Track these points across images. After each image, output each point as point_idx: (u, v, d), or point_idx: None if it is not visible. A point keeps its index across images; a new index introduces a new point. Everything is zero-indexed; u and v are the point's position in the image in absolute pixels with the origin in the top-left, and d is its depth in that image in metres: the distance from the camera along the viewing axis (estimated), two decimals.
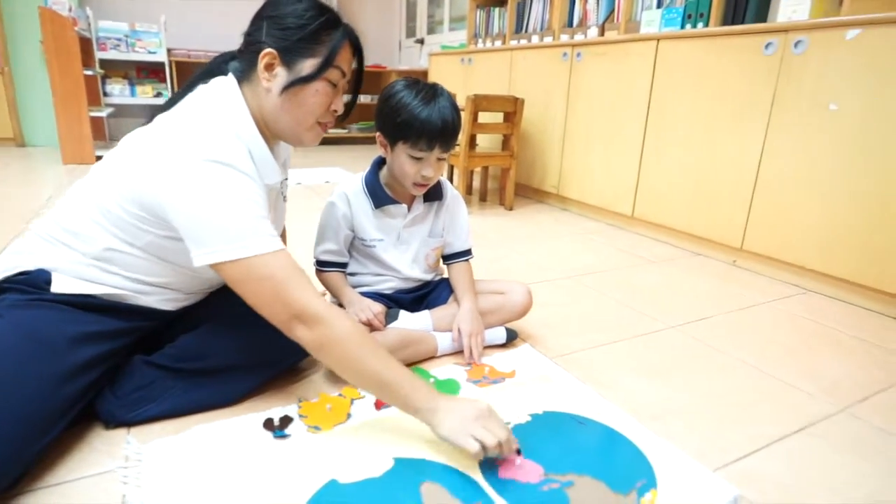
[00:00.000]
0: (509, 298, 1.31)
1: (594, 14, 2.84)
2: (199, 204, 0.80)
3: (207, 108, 0.89)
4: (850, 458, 0.95)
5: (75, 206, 0.91)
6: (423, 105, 1.10)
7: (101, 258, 0.89)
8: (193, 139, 0.83)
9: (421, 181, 1.15)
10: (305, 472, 0.84)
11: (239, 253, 0.81)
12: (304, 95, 0.92)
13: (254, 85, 0.93)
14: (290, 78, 0.90)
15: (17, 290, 0.87)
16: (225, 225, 0.80)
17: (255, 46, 0.91)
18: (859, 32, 1.58)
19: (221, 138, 0.85)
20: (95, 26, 4.22)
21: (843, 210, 1.66)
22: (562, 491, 0.82)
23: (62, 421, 0.82)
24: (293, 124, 0.95)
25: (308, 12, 0.90)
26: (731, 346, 1.36)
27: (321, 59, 0.90)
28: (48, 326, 0.83)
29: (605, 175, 2.57)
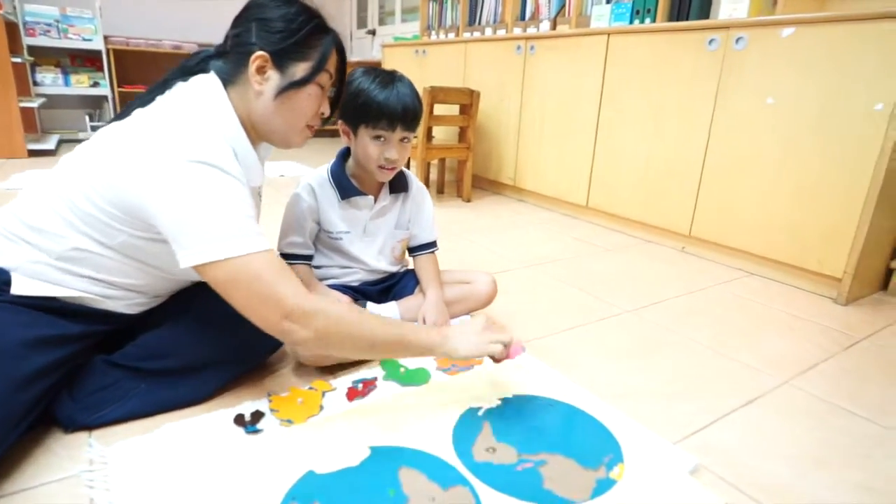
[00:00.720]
0: (474, 288, 1.34)
1: (546, 8, 2.89)
2: (185, 205, 0.78)
3: (192, 108, 0.86)
4: (795, 426, 1.03)
5: (40, 201, 0.86)
6: (382, 87, 1.12)
7: (67, 258, 0.85)
8: (179, 139, 0.80)
9: (385, 164, 1.16)
10: (281, 465, 0.83)
11: (226, 252, 0.78)
12: (297, 99, 0.93)
13: (241, 87, 0.92)
14: (284, 82, 0.90)
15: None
16: (211, 225, 0.78)
17: (245, 48, 0.90)
18: (793, 31, 1.68)
19: (207, 139, 0.83)
20: (21, 10, 3.95)
21: (779, 198, 1.77)
22: (535, 470, 0.85)
23: (16, 430, 0.78)
24: (285, 127, 0.95)
25: (299, 16, 0.91)
26: (684, 328, 1.44)
27: (313, 63, 0.91)
28: (4, 329, 0.79)
29: (560, 166, 2.63)
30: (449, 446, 0.89)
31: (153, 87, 0.94)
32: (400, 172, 1.28)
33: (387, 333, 0.90)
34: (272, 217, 1.27)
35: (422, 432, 0.93)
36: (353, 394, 1.04)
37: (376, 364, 1.16)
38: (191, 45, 4.80)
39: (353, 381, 1.08)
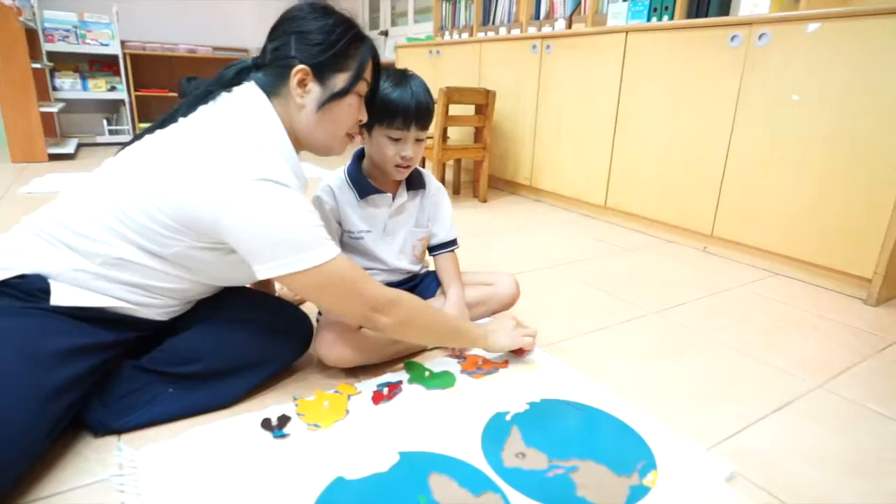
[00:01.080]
0: (497, 289, 1.32)
1: (561, 6, 2.87)
2: (261, 223, 0.81)
3: (246, 123, 0.88)
4: (829, 431, 1.00)
5: (84, 207, 0.85)
6: (395, 87, 1.12)
7: (109, 265, 0.85)
8: (243, 158, 0.82)
9: (401, 163, 1.15)
10: (310, 470, 0.83)
11: (310, 262, 0.84)
12: (339, 110, 0.95)
13: (284, 99, 0.93)
14: (325, 94, 0.92)
15: (11, 296, 0.82)
16: (291, 239, 0.83)
17: (285, 61, 0.91)
18: (819, 26, 1.65)
19: (268, 156, 0.85)
20: (40, 16, 4.00)
21: (805, 196, 1.74)
22: (567, 476, 0.84)
23: (48, 440, 0.78)
24: (327, 137, 0.98)
25: (337, 28, 0.92)
26: (709, 329, 1.41)
27: (352, 73, 0.93)
28: (39, 339, 0.79)
29: (577, 165, 2.61)
30: (478, 451, 0.88)
31: (195, 96, 0.94)
32: (416, 170, 1.27)
33: (448, 323, 1.08)
34: None
35: (450, 437, 0.92)
36: (378, 397, 1.03)
37: (401, 367, 1.15)
38: (205, 49, 4.84)
39: (377, 384, 1.07)
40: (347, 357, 1.09)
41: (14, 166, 3.29)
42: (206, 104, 0.92)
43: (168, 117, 0.93)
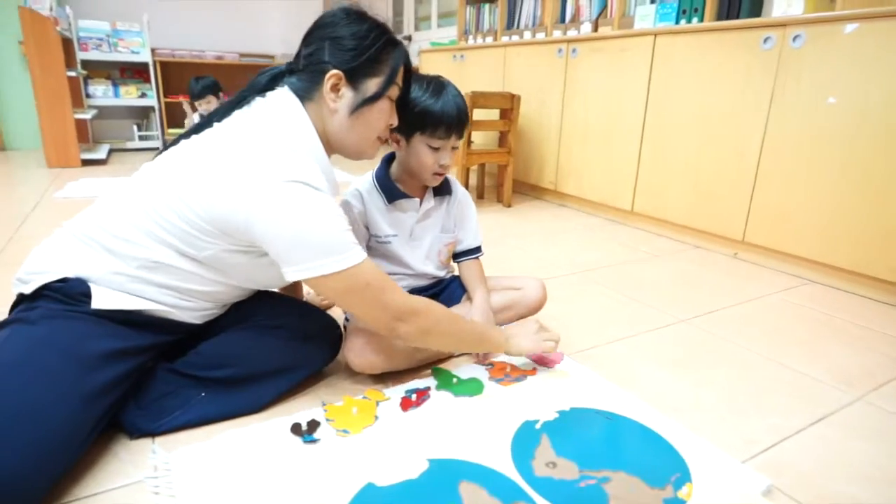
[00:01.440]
0: (524, 294, 1.31)
1: (587, 9, 2.85)
2: (292, 225, 0.82)
3: (279, 127, 0.89)
4: (871, 445, 0.97)
5: (121, 211, 0.88)
6: (435, 96, 1.12)
7: (147, 268, 0.87)
8: (275, 161, 0.83)
9: (439, 170, 1.16)
10: (340, 476, 0.83)
11: (336, 266, 0.85)
12: (371, 114, 0.96)
13: (317, 104, 0.94)
14: (358, 98, 0.93)
15: (54, 299, 0.84)
16: (319, 242, 0.84)
17: (319, 67, 0.92)
18: (857, 27, 1.60)
19: (301, 159, 0.86)
20: (76, 26, 4.12)
21: (842, 201, 1.69)
22: (599, 486, 0.82)
23: (88, 439, 0.80)
24: (360, 141, 0.98)
25: (370, 33, 0.92)
26: (742, 338, 1.38)
27: (384, 78, 0.94)
28: (82, 342, 0.81)
29: (604, 170, 2.58)
30: (508, 460, 0.87)
31: (230, 101, 0.95)
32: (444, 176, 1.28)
33: (471, 329, 1.08)
34: None
35: (480, 445, 0.91)
36: (406, 404, 1.03)
37: (428, 374, 1.15)
38: (232, 56, 4.93)
39: (405, 390, 1.07)
40: (375, 363, 1.09)
41: (50, 171, 3.39)
42: (240, 109, 0.93)
43: (205, 122, 0.95)
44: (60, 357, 0.78)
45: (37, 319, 0.82)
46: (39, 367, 0.76)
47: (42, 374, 0.76)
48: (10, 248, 1.90)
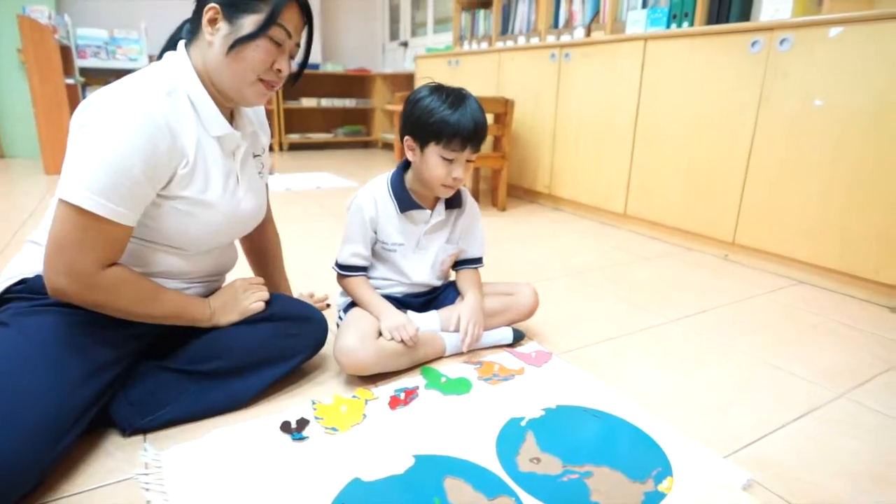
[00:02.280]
0: (517, 299, 1.33)
1: (580, 15, 2.88)
2: (81, 141, 0.80)
3: (143, 72, 0.89)
4: (853, 441, 0.98)
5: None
6: (454, 108, 1.11)
7: None
8: (114, 91, 0.83)
9: (451, 183, 1.16)
10: (327, 472, 0.84)
11: (62, 193, 0.80)
12: (245, 51, 0.89)
13: (199, 41, 0.92)
14: (233, 34, 0.89)
15: (20, 299, 0.87)
16: (83, 168, 0.79)
17: (202, 2, 0.90)
18: (842, 31, 1.63)
19: (144, 91, 0.84)
20: (74, 34, 4.15)
21: (830, 202, 1.71)
22: (581, 481, 0.84)
23: (76, 427, 0.82)
24: (235, 79, 0.92)
25: None
26: (730, 338, 1.40)
27: (264, 16, 0.89)
28: (57, 330, 0.84)
29: (597, 173, 2.61)
30: (493, 455, 0.89)
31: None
32: (457, 189, 1.28)
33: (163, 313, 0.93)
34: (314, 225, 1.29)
35: (465, 441, 0.93)
36: (395, 402, 1.04)
37: (417, 373, 1.16)
38: None
39: (394, 389, 1.09)
40: (365, 364, 1.10)
41: (47, 178, 3.41)
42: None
43: None
44: (38, 346, 0.81)
45: (8, 319, 0.85)
46: (20, 360, 0.79)
47: (23, 364, 0.78)
48: (6, 252, 1.92)
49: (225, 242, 1.06)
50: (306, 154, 5.14)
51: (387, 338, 1.13)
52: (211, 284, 1.08)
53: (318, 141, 5.53)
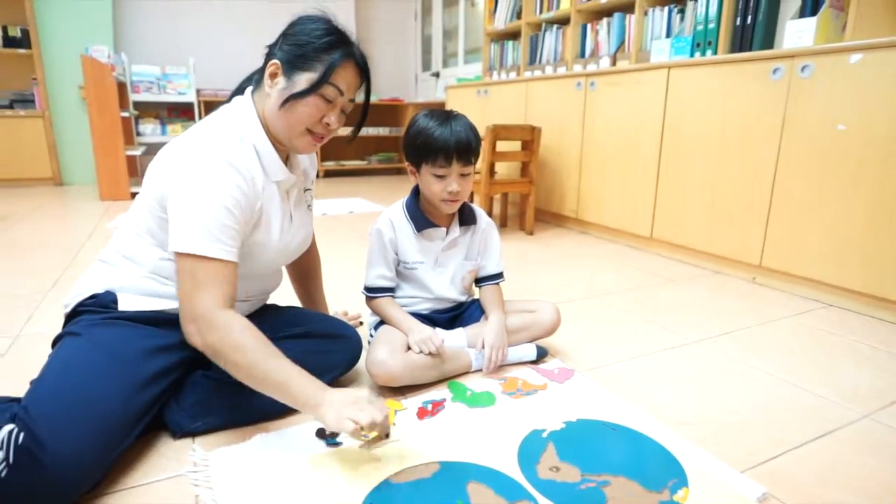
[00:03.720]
0: (539, 316, 1.38)
1: (605, 44, 2.96)
2: (179, 197, 0.92)
3: (216, 117, 1.02)
4: (874, 460, 0.99)
5: (125, 231, 1.03)
6: (438, 126, 1.20)
7: (155, 270, 1.00)
8: (197, 140, 0.95)
9: (448, 197, 1.24)
10: (359, 474, 0.91)
11: (180, 246, 0.90)
12: (297, 106, 0.99)
13: (262, 91, 1.03)
14: (288, 89, 0.98)
15: (90, 312, 0.98)
16: (185, 219, 0.91)
17: (268, 58, 1.02)
18: (862, 57, 1.66)
19: (222, 139, 0.96)
20: (129, 70, 4.46)
21: (854, 225, 1.71)
22: (599, 489, 0.88)
23: (136, 428, 0.91)
24: (286, 130, 1.01)
25: (316, 31, 0.99)
26: (753, 358, 1.41)
27: (318, 75, 0.98)
28: (121, 342, 0.94)
29: (623, 198, 2.65)
30: (514, 464, 0.94)
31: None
32: (469, 207, 1.36)
33: (274, 375, 0.91)
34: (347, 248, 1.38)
35: (489, 450, 0.98)
36: (422, 413, 1.10)
37: (444, 387, 1.22)
38: None
39: (422, 401, 1.15)
40: (396, 376, 1.17)
41: (102, 204, 3.64)
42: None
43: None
44: (106, 356, 0.90)
45: (80, 330, 0.95)
46: (89, 367, 0.89)
47: (92, 369, 0.88)
48: (67, 273, 2.08)
49: (272, 270, 1.17)
50: (341, 180, 5.32)
51: (415, 351, 1.19)
52: (255, 304, 1.17)
53: (352, 168, 5.72)
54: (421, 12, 5.96)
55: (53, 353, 0.93)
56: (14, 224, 2.98)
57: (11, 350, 1.40)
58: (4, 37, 4.24)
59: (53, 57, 4.37)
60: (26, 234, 2.75)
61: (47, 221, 3.09)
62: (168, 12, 4.86)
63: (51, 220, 3.14)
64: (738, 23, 2.22)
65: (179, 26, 4.92)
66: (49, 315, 1.65)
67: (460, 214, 1.33)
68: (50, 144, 4.43)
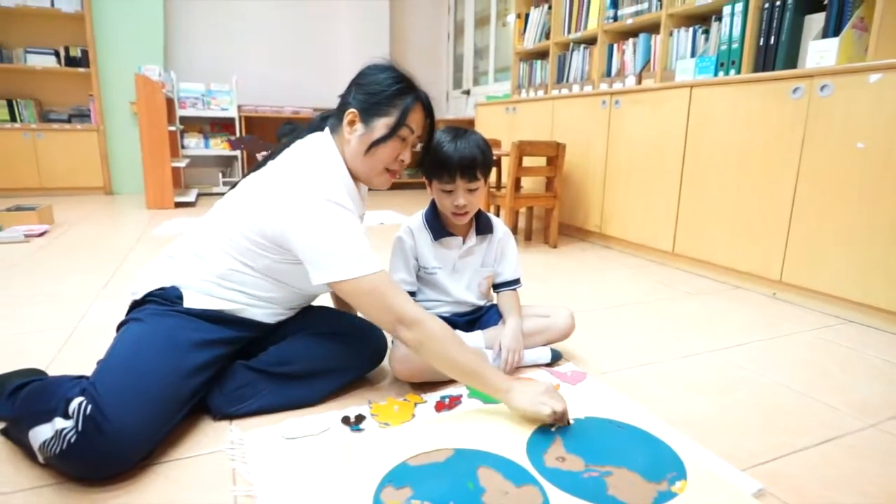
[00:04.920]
0: (554, 321, 1.45)
1: (631, 64, 3.03)
2: (319, 236, 1.02)
3: (315, 157, 1.13)
4: (874, 465, 1.02)
5: (203, 235, 1.14)
6: (447, 143, 1.29)
7: (223, 276, 1.11)
8: (310, 182, 1.06)
9: (456, 211, 1.32)
10: (379, 456, 0.99)
11: (350, 274, 1.03)
12: (378, 149, 1.13)
13: (340, 136, 1.16)
14: (368, 134, 1.12)
15: (156, 303, 1.09)
16: (339, 252, 1.03)
17: (344, 107, 1.14)
18: (881, 76, 1.69)
19: (331, 181, 1.08)
20: (177, 87, 4.73)
21: (873, 242, 1.73)
22: (601, 479, 0.94)
23: (185, 408, 1.02)
24: (367, 171, 1.17)
25: (387, 80, 1.12)
26: (765, 369, 1.44)
27: (394, 119, 1.11)
28: (179, 332, 1.04)
29: (646, 213, 2.69)
30: (523, 453, 1.01)
31: (282, 146, 1.21)
32: (485, 217, 1.45)
33: (469, 362, 1.09)
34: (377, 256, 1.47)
35: (500, 440, 1.05)
36: (440, 406, 1.18)
37: (461, 384, 1.30)
38: (307, 110, 5.43)
39: (441, 396, 1.23)
40: (416, 373, 1.26)
41: (148, 212, 3.86)
42: (287, 149, 1.18)
43: (261, 163, 1.20)
44: (165, 342, 1.01)
45: (146, 317, 1.07)
46: (149, 350, 1.00)
47: (152, 355, 0.99)
48: (117, 275, 2.24)
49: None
50: (373, 194, 5.44)
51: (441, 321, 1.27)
52: (296, 310, 1.28)
53: None
54: (454, 32, 6.12)
55: (119, 336, 1.06)
56: (69, 229, 3.21)
57: (70, 340, 1.55)
58: (66, 57, 4.56)
59: (109, 75, 4.67)
60: (80, 239, 2.96)
61: (99, 227, 3.31)
62: (214, 33, 5.14)
63: (102, 226, 3.36)
64: (761, 43, 2.27)
65: (224, 46, 5.20)
66: (101, 311, 1.80)
67: (477, 224, 1.42)
68: (102, 156, 4.72)
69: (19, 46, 4.50)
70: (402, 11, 5.94)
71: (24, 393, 0.99)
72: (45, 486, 0.90)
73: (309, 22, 5.41)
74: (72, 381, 0.97)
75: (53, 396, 0.91)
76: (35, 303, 1.87)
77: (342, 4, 5.56)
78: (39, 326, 1.65)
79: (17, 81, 4.57)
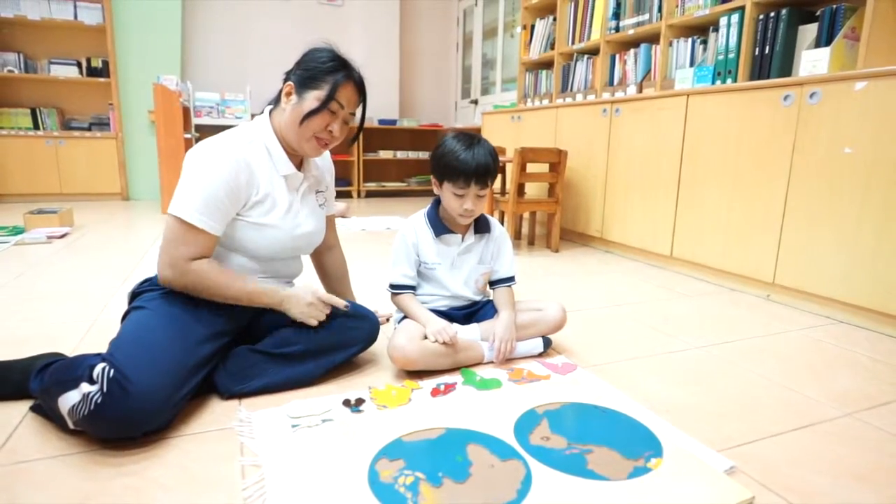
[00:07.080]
0: (545, 314, 1.52)
1: (633, 73, 3.11)
2: (183, 175, 1.15)
3: (236, 128, 1.25)
4: (847, 449, 1.07)
5: None
6: (464, 150, 1.37)
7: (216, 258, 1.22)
8: (214, 139, 1.18)
9: (464, 213, 1.41)
10: (376, 433, 1.06)
11: (171, 209, 1.13)
12: (309, 119, 1.22)
13: (280, 107, 1.27)
14: (300, 105, 1.22)
15: (148, 291, 1.20)
16: (180, 189, 1.14)
17: (285, 80, 1.26)
18: (866, 84, 1.75)
19: (232, 140, 1.19)
20: (193, 97, 4.88)
21: (861, 244, 1.78)
22: (581, 455, 1.00)
23: (194, 378, 1.10)
24: (296, 137, 1.24)
25: (322, 57, 1.23)
26: (751, 364, 1.50)
27: (325, 93, 1.21)
28: (178, 308, 1.15)
29: (644, 218, 2.75)
30: (510, 433, 1.08)
31: None
32: (484, 217, 1.53)
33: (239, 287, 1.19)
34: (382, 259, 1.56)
35: (489, 421, 1.12)
36: (435, 392, 1.26)
37: (457, 373, 1.37)
38: None
39: (437, 383, 1.30)
40: (412, 359, 1.33)
41: (164, 217, 3.99)
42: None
43: None
44: (168, 318, 1.12)
45: (143, 304, 1.17)
46: (157, 325, 1.10)
47: (159, 329, 1.09)
48: (134, 273, 2.34)
49: (287, 255, 1.36)
50: (381, 200, 5.59)
51: (430, 340, 1.35)
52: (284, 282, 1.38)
53: (392, 189, 5.99)
54: (462, 44, 6.24)
55: (125, 323, 1.15)
56: (88, 232, 3.33)
57: (91, 332, 1.64)
58: (88, 67, 4.74)
59: (128, 84, 4.84)
60: (98, 240, 3.08)
61: (116, 230, 3.43)
62: (229, 45, 5.31)
63: (119, 228, 3.49)
64: (756, 53, 2.34)
65: (238, 58, 5.36)
66: (120, 306, 1.89)
67: (475, 224, 1.50)
68: (120, 163, 4.87)
69: (44, 57, 4.68)
70: (412, 24, 6.09)
71: (52, 369, 1.08)
72: (70, 454, 0.98)
73: (320, 34, 5.55)
74: (93, 357, 1.06)
75: (79, 367, 1.01)
76: (59, 298, 1.97)
77: (353, 17, 5.72)
78: (63, 318, 1.75)
79: (41, 91, 4.75)
